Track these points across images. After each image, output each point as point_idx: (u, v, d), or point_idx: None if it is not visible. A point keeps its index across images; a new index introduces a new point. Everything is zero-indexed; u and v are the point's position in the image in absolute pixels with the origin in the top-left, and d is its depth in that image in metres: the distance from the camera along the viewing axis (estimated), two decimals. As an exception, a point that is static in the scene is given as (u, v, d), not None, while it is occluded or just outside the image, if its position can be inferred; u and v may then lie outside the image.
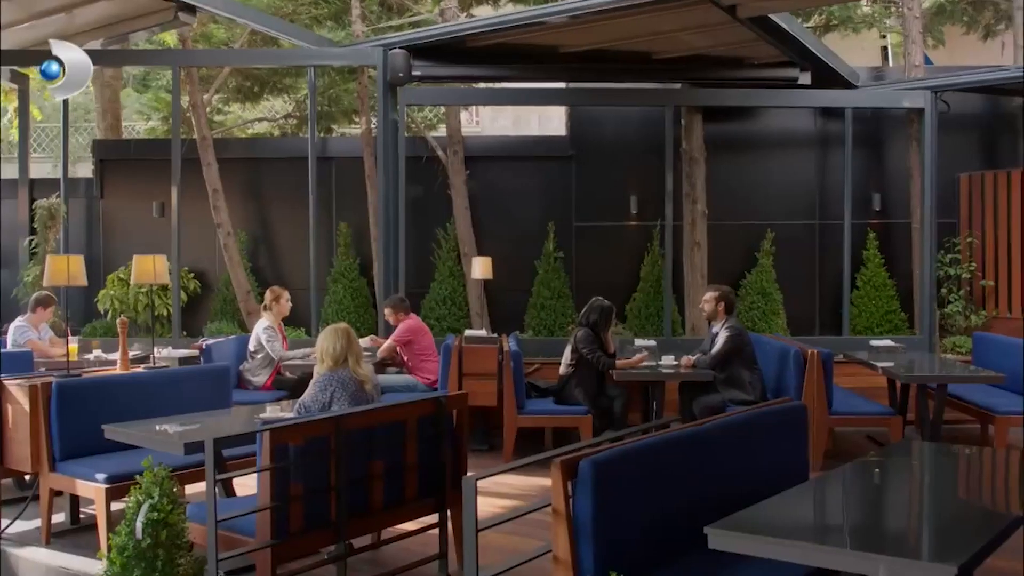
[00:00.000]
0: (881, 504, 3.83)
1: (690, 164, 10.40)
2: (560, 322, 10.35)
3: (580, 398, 7.85)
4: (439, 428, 5.17)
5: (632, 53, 9.49)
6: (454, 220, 10.73)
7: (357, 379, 5.33)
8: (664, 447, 3.94)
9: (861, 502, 3.86)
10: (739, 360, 7.84)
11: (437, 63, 9.49)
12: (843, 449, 8.47)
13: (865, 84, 10.22)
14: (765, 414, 4.70)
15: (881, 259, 10.63)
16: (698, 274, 10.32)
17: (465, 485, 3.63)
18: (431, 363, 8.58)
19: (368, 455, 4.83)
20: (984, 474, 4.55)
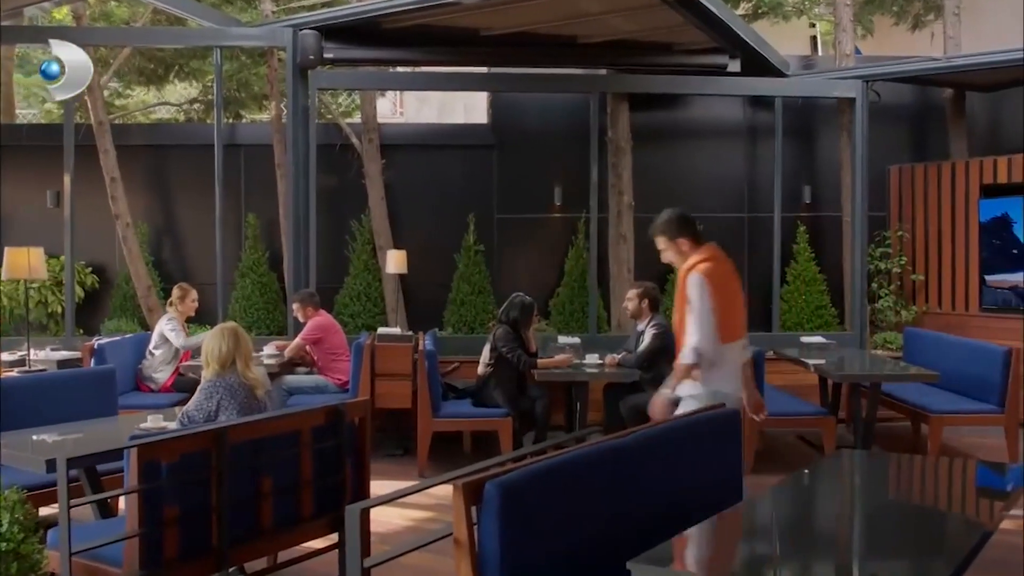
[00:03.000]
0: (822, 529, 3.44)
1: (616, 154, 10.02)
2: (481, 318, 9.91)
3: (499, 400, 7.41)
4: (338, 438, 4.66)
5: (556, 37, 9.07)
6: (369, 212, 10.22)
7: (247, 384, 4.82)
8: (582, 464, 3.49)
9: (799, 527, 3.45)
10: (667, 359, 7.45)
11: (351, 45, 8.97)
12: (774, 450, 8.19)
13: (795, 73, 9.93)
14: (695, 422, 4.29)
15: (811, 253, 10.41)
16: (624, 268, 9.95)
17: (348, 516, 3.14)
18: (342, 363, 8.09)
19: (256, 471, 4.32)
20: (931, 486, 4.18)
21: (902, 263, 10.17)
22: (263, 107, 12.01)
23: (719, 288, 4.85)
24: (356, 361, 7.78)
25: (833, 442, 7.42)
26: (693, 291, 4.82)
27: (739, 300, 5.12)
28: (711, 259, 4.93)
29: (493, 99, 10.84)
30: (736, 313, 5.03)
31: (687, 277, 4.87)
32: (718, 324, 4.81)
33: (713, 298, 4.80)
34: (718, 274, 4.89)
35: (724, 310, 4.85)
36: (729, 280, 5.01)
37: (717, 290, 4.83)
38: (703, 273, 4.82)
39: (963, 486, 4.19)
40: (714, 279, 4.83)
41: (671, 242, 5.05)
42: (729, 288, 4.97)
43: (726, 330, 4.86)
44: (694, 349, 4.78)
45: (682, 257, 5.02)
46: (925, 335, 8.84)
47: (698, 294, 4.80)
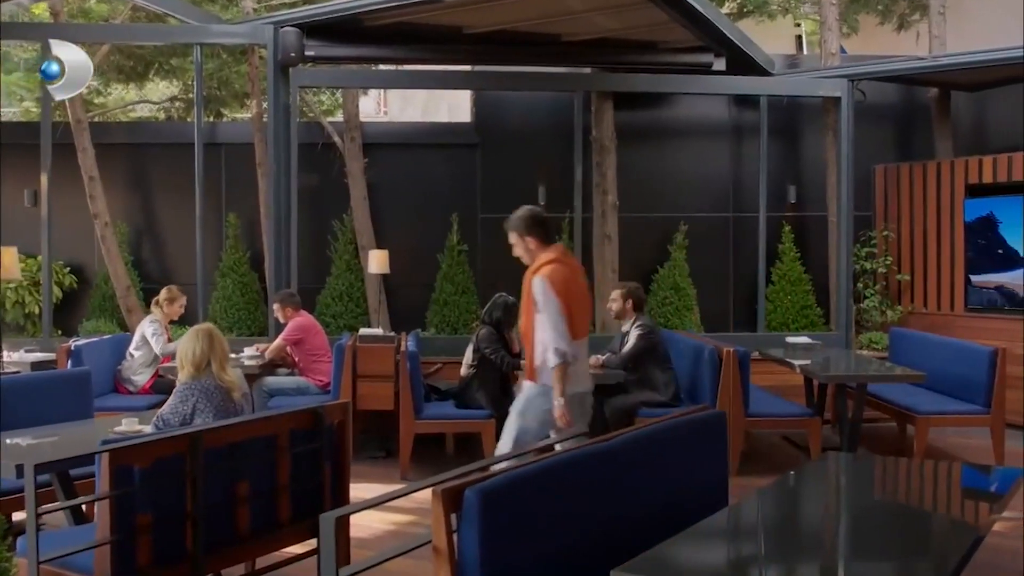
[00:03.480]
0: (810, 536, 3.37)
1: (600, 153, 9.94)
2: (464, 319, 9.82)
3: (482, 401, 7.32)
4: (317, 442, 4.56)
5: (540, 35, 9.00)
6: (351, 211, 10.12)
7: (223, 387, 4.73)
8: (565, 469, 3.41)
9: (786, 534, 3.38)
10: (651, 359, 7.43)
11: (332, 43, 8.87)
12: (759, 451, 8.13)
13: (781, 72, 9.88)
14: (680, 424, 4.21)
15: (796, 253, 10.36)
16: (609, 268, 9.88)
17: (323, 525, 3.05)
18: (323, 364, 8.00)
19: (233, 475, 4.22)
20: (920, 490, 4.12)
21: (887, 263, 10.13)
22: (244, 105, 11.87)
23: (563, 289, 4.97)
24: (338, 362, 7.69)
25: (819, 443, 7.37)
26: (539, 294, 4.97)
27: (584, 300, 5.28)
28: (556, 261, 5.04)
29: (476, 98, 10.75)
30: (580, 312, 5.16)
31: (532, 280, 5.02)
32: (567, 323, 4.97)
33: (559, 299, 4.94)
34: (562, 275, 5.00)
35: (570, 310, 4.99)
36: (573, 281, 5.12)
37: (561, 291, 4.96)
38: (546, 276, 4.95)
39: (953, 489, 4.13)
40: (557, 281, 4.96)
41: (521, 239, 5.17)
42: (573, 289, 5.08)
43: (572, 329, 5.00)
44: (557, 350, 4.92)
45: (530, 255, 5.15)
46: (911, 335, 8.81)
47: (544, 297, 4.94)
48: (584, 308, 5.24)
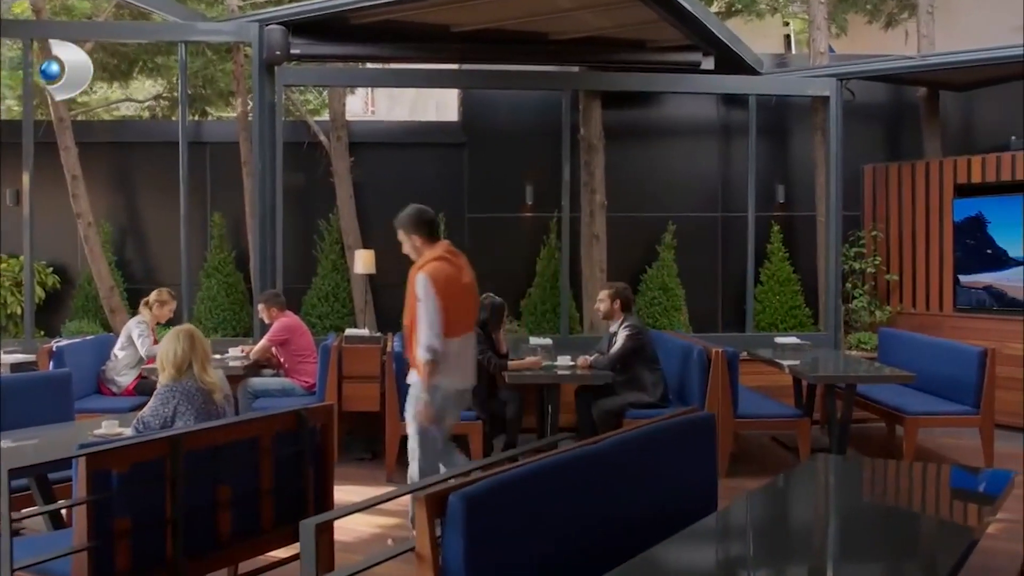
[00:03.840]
0: (801, 542, 3.31)
1: (588, 152, 9.88)
2: (451, 319, 9.74)
3: (469, 402, 7.23)
4: (300, 445, 4.49)
5: (528, 33, 8.94)
6: (337, 211, 10.03)
7: (204, 389, 4.65)
8: (551, 473, 3.34)
9: (776, 539, 3.32)
10: (639, 360, 7.37)
11: (318, 41, 8.79)
12: (748, 452, 8.09)
13: (769, 71, 9.84)
14: (668, 427, 4.15)
15: (785, 253, 10.32)
16: (597, 268, 9.82)
17: (303, 532, 2.98)
18: (309, 365, 7.92)
19: (214, 479, 4.14)
20: (912, 493, 4.07)
21: (876, 263, 10.10)
22: (229, 104, 11.78)
23: (444, 287, 5.16)
24: (323, 363, 7.62)
25: (808, 444, 7.32)
26: (420, 290, 5.17)
27: (467, 297, 5.43)
28: (439, 259, 5.26)
29: (464, 97, 10.68)
30: (463, 310, 5.36)
31: (415, 276, 5.23)
32: (445, 320, 5.15)
33: (439, 296, 5.13)
34: (444, 273, 5.20)
35: (449, 307, 5.17)
36: (455, 279, 5.28)
37: (442, 288, 5.15)
38: (428, 273, 5.16)
39: (945, 492, 4.08)
40: (439, 278, 5.16)
41: (407, 237, 5.44)
42: (454, 286, 5.25)
43: (450, 326, 5.19)
44: (427, 347, 5.14)
45: (416, 253, 5.40)
46: (900, 335, 8.78)
47: (424, 293, 5.14)
48: (466, 306, 5.41)
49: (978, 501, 3.87)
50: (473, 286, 5.52)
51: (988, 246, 9.35)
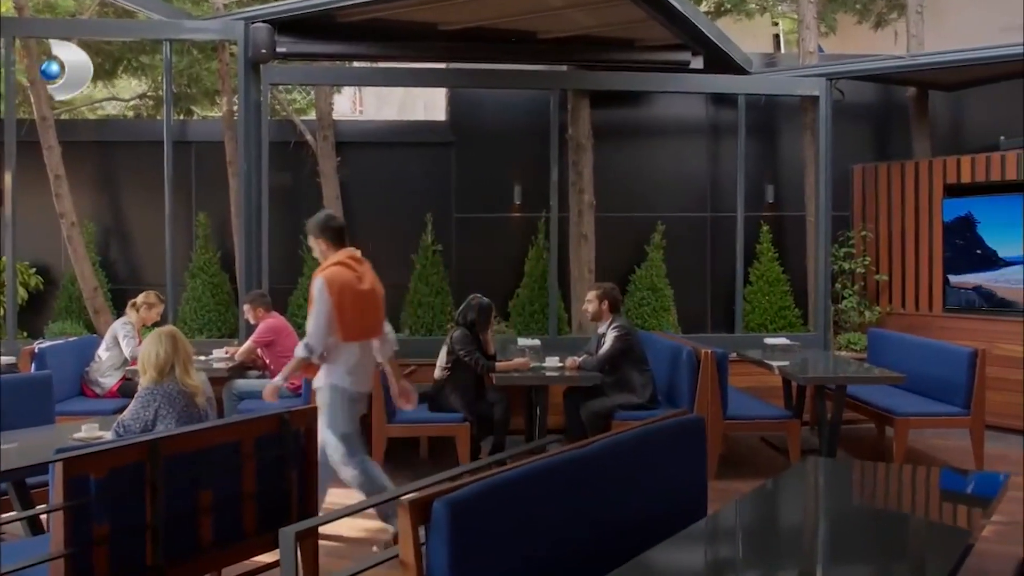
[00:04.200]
0: (794, 548, 3.25)
1: (577, 152, 9.82)
2: (439, 320, 9.67)
3: (456, 404, 7.18)
4: (283, 449, 4.42)
5: (516, 32, 8.87)
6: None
7: (186, 391, 4.58)
8: (539, 478, 3.27)
9: (768, 546, 3.26)
10: (628, 361, 7.32)
11: (304, 39, 8.70)
12: (738, 454, 8.05)
13: (759, 71, 9.79)
14: (658, 430, 4.08)
15: (774, 253, 10.27)
16: (585, 268, 9.76)
17: (282, 540, 2.90)
18: (295, 366, 7.81)
19: (195, 484, 4.06)
20: (905, 496, 4.01)
21: (866, 263, 10.07)
22: (215, 103, 11.69)
23: (339, 291, 5.32)
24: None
25: (798, 445, 7.28)
26: (315, 293, 5.34)
27: (364, 304, 5.51)
28: (339, 264, 5.41)
29: (452, 96, 10.61)
30: (358, 315, 5.44)
31: (314, 279, 5.38)
32: (339, 324, 5.32)
33: (333, 300, 5.29)
34: (341, 278, 5.35)
35: (344, 312, 5.33)
36: (352, 284, 5.40)
37: (336, 293, 5.31)
38: (324, 277, 5.32)
39: (939, 495, 4.03)
40: (334, 283, 5.31)
41: (315, 241, 5.58)
42: (350, 291, 5.38)
43: (347, 330, 5.36)
44: (305, 345, 5.36)
45: (322, 257, 5.56)
46: (889, 336, 8.74)
47: (318, 296, 5.32)
48: (363, 312, 5.49)
49: (973, 504, 3.82)
50: (373, 293, 5.59)
51: (977, 246, 9.32)
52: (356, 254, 5.59)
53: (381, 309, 5.75)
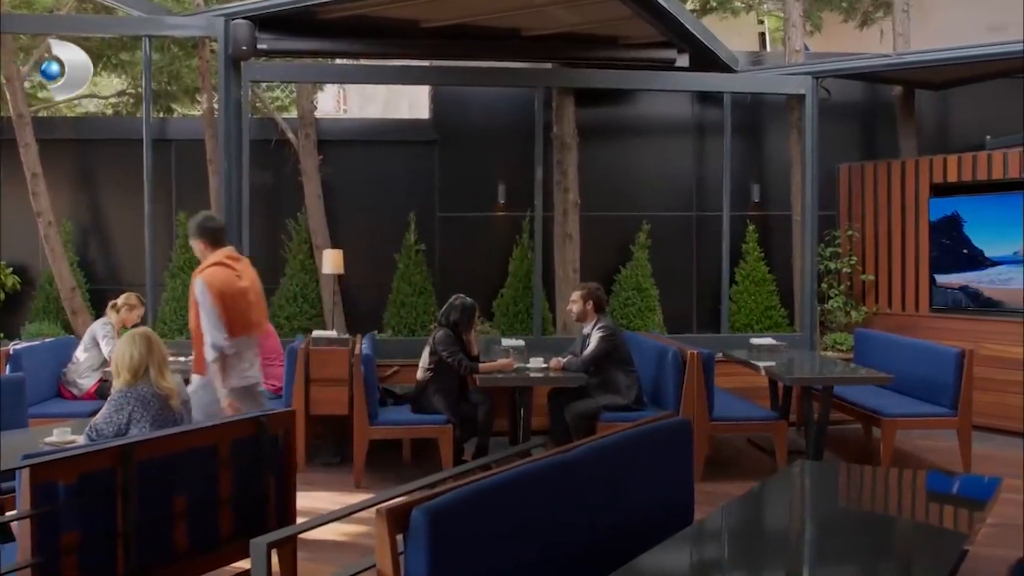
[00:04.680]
0: (784, 556, 3.16)
1: (561, 150, 9.72)
2: (422, 320, 9.56)
3: (439, 406, 7.08)
4: (260, 453, 4.31)
5: (500, 29, 8.76)
6: (306, 210, 9.83)
7: (161, 394, 4.46)
8: (521, 484, 3.18)
9: (757, 553, 3.17)
10: (614, 362, 7.23)
11: (285, 36, 8.57)
12: (724, 456, 7.98)
13: (745, 69, 9.72)
14: (644, 433, 4.00)
15: (760, 253, 10.20)
16: (570, 268, 9.66)
17: (254, 551, 2.80)
18: (276, 367, 7.72)
19: (170, 489, 3.96)
20: (895, 501, 3.94)
21: (852, 263, 10.00)
22: (195, 101, 11.55)
23: (219, 290, 5.44)
24: (289, 366, 7.45)
25: (784, 447, 7.21)
26: (198, 294, 5.45)
27: (244, 300, 5.63)
28: (218, 263, 5.55)
29: (435, 94, 10.49)
30: (240, 312, 5.56)
31: (194, 281, 5.51)
32: (223, 321, 5.43)
33: (215, 299, 5.41)
34: (220, 277, 5.49)
35: (226, 309, 5.44)
36: (231, 282, 5.54)
37: (217, 291, 5.42)
38: (203, 277, 5.45)
39: (932, 499, 3.95)
40: (214, 282, 5.44)
41: (194, 241, 5.72)
42: (230, 289, 5.51)
43: (229, 326, 5.44)
44: (212, 346, 5.41)
45: (202, 256, 5.68)
46: (876, 336, 8.69)
47: (201, 297, 5.42)
48: (244, 308, 5.61)
49: (966, 508, 3.75)
50: (251, 290, 5.73)
51: (964, 246, 9.28)
52: (234, 253, 5.75)
53: (262, 305, 5.93)
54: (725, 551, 3.10)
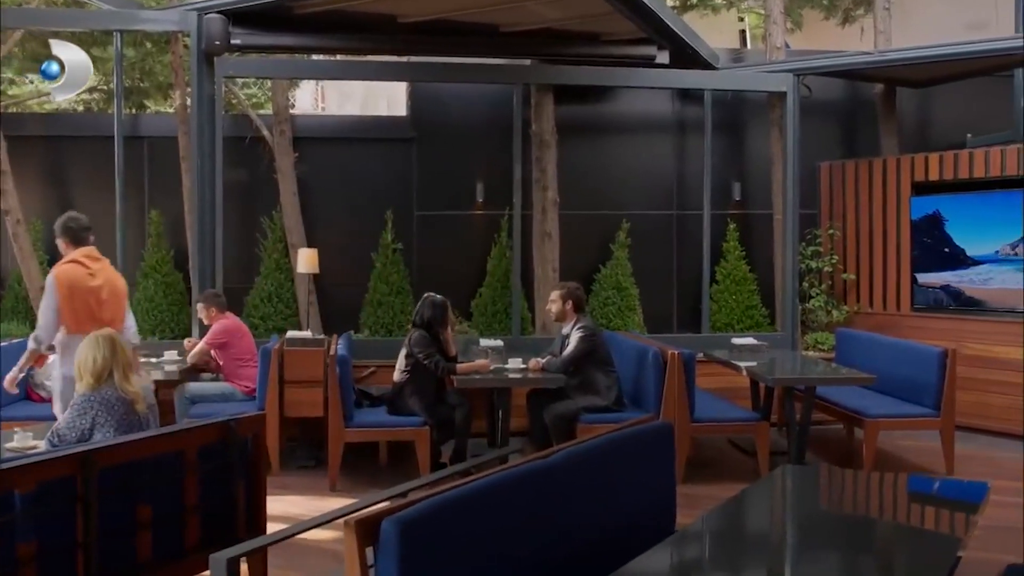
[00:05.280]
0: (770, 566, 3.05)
1: (540, 148, 9.60)
2: (399, 320, 9.42)
3: (416, 408, 6.94)
4: (229, 459, 4.17)
5: (478, 25, 8.64)
6: (281, 208, 9.67)
7: (126, 398, 4.31)
8: (497, 492, 3.05)
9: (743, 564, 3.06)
10: (593, 362, 7.12)
11: (259, 31, 8.43)
12: (706, 457, 7.88)
13: (725, 66, 9.63)
14: (625, 437, 3.88)
15: (741, 251, 10.11)
16: (549, 267, 9.55)
17: (213, 566, 2.66)
18: (250, 368, 7.56)
19: (133, 498, 3.82)
20: (886, 507, 3.84)
21: (833, 262, 9.93)
22: (168, 97, 11.36)
23: (67, 287, 5.68)
24: (263, 367, 7.28)
25: (767, 448, 7.11)
26: (47, 287, 5.74)
27: (95, 298, 5.82)
28: (72, 261, 5.80)
29: (412, 91, 10.35)
30: (90, 309, 5.77)
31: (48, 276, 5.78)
32: (67, 317, 5.67)
33: (60, 294, 5.65)
34: (70, 275, 5.73)
35: (73, 306, 5.69)
36: (81, 281, 5.76)
37: (64, 288, 5.67)
38: (55, 273, 5.73)
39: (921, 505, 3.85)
40: (63, 280, 5.69)
41: (58, 239, 5.98)
42: (79, 288, 5.74)
43: (78, 323, 5.66)
44: (34, 337, 5.71)
45: (64, 254, 5.93)
46: (857, 336, 8.62)
47: (48, 291, 5.71)
48: (95, 304, 5.79)
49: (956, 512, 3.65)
50: (104, 289, 5.90)
51: (945, 244, 9.22)
52: (94, 253, 5.96)
53: (117, 304, 6.03)
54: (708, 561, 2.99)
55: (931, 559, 2.98)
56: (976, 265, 9.00)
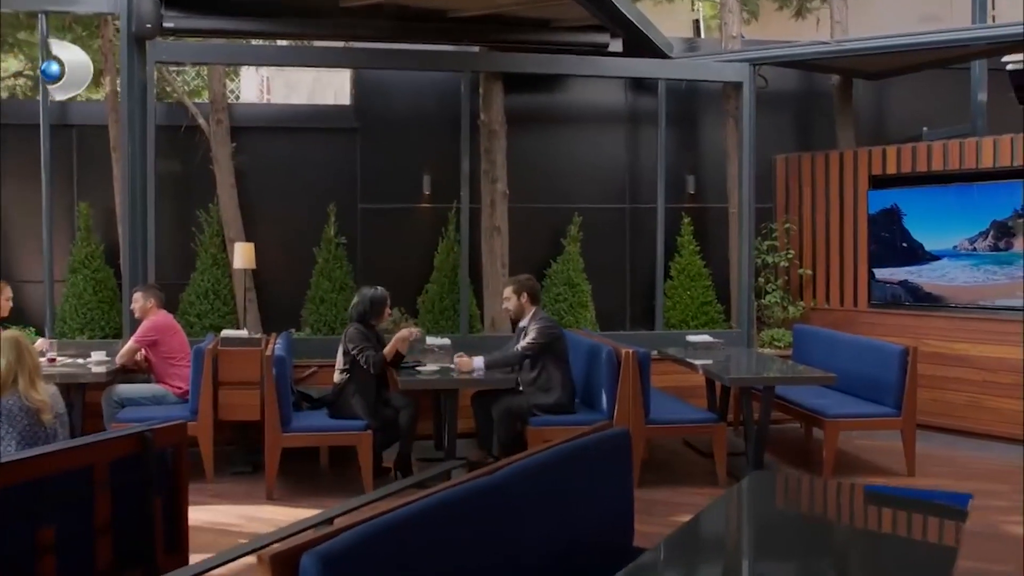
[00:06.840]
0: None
1: (489, 139, 9.26)
2: (342, 318, 9.02)
3: (358, 410, 6.58)
4: (145, 473, 3.80)
5: (424, 10, 8.29)
6: (218, 200, 9.24)
7: (31, 407, 3.92)
8: (441, 513, 2.72)
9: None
10: (550, 357, 6.80)
11: (194, 13, 8.05)
12: (660, 460, 7.62)
13: (680, 55, 9.36)
14: (579, 448, 3.57)
15: (696, 246, 9.84)
16: (498, 262, 9.23)
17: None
18: (182, 369, 7.15)
19: (36, 519, 3.43)
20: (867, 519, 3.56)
21: (789, 257, 9.71)
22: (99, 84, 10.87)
23: None
24: (196, 368, 6.88)
25: (724, 450, 6.85)
26: None
27: None
28: None
29: (356, 78, 9.95)
30: None
31: None
32: None
33: None
34: None
35: None
36: None
37: None
38: None
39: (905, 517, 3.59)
40: None
41: None
42: None
43: None
44: None
45: None
46: (816, 333, 8.41)
47: None
48: None
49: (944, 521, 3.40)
50: None
51: (903, 239, 9.03)
52: None
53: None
54: None
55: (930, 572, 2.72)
56: (934, 260, 8.83)
